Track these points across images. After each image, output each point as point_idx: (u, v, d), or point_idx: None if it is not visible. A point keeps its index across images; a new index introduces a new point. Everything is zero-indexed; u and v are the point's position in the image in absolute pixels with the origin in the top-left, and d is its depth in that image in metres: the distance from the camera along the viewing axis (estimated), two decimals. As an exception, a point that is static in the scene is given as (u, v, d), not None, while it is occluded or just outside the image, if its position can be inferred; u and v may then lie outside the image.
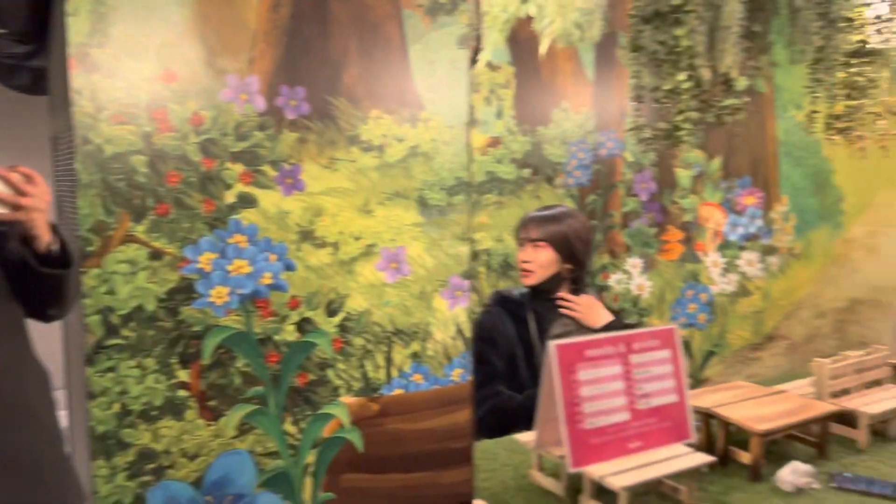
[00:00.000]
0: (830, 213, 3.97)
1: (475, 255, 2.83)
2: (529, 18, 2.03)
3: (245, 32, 1.35)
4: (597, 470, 1.28)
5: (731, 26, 1.28)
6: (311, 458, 1.33)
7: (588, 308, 1.96)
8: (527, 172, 2.94)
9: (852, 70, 1.60)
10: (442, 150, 1.43)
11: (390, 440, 1.39)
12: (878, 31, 1.57)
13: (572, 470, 1.28)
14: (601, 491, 1.31)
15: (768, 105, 3.66)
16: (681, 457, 1.35)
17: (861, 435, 1.64)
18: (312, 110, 1.33)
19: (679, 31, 1.27)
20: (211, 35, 1.32)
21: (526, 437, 1.44)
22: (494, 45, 2.47)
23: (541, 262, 2.00)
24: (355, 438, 1.35)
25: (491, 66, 2.79)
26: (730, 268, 3.65)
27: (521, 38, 2.81)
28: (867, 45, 1.58)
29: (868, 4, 1.57)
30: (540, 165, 2.98)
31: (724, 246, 3.62)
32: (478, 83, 2.77)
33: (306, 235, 1.33)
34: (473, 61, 1.32)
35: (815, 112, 1.64)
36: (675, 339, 1.44)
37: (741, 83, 3.53)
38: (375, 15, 1.43)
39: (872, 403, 1.68)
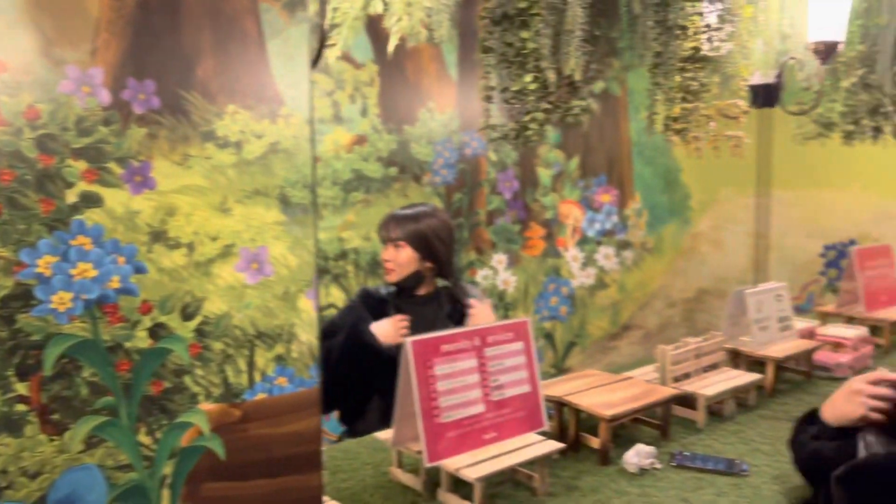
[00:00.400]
0: (679, 210, 4.26)
1: (343, 254, 2.82)
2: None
3: (86, 21, 1.28)
4: (453, 463, 1.31)
5: (574, 30, 1.35)
6: (168, 468, 1.28)
7: (479, 316, 2.02)
8: (394, 171, 2.96)
9: (687, 75, 1.72)
10: (304, 148, 1.41)
11: (254, 446, 1.35)
12: (709, 40, 1.70)
13: (429, 464, 1.31)
14: (458, 483, 1.34)
15: (622, 107, 3.87)
16: (533, 445, 1.41)
17: (699, 416, 1.78)
18: (163, 104, 1.27)
19: (525, 34, 1.33)
20: (47, 22, 1.23)
21: (385, 434, 1.46)
22: (352, 41, 2.46)
23: (400, 260, 2.03)
24: (216, 446, 1.31)
25: (355, 64, 2.79)
26: (588, 262, 3.83)
27: (383, 36, 2.82)
28: (700, 52, 1.71)
29: (700, 14, 1.70)
30: (407, 164, 3.01)
31: (583, 241, 3.80)
32: (342, 80, 2.75)
33: (158, 236, 1.27)
34: (317, 58, 1.32)
35: (654, 114, 1.75)
36: (527, 331, 1.50)
37: (598, 86, 3.73)
38: (231, 8, 1.39)
39: (709, 386, 1.82)
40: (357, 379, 1.95)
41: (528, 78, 1.38)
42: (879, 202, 3.93)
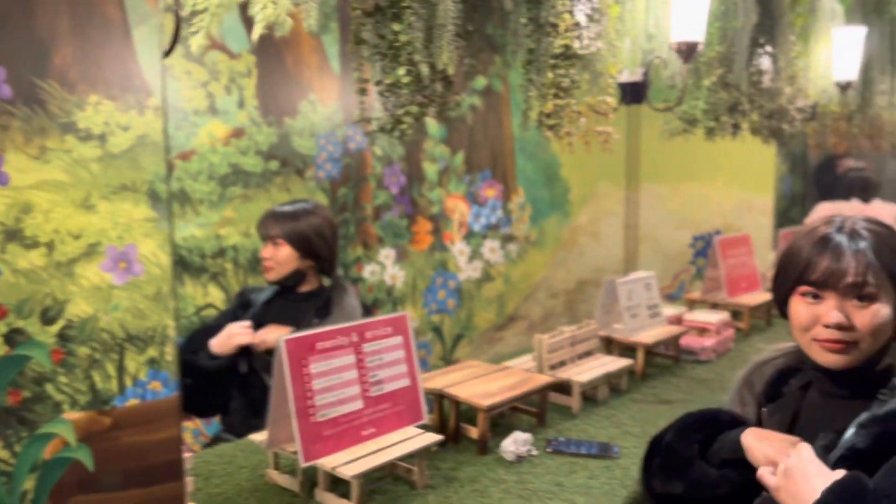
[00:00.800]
0: (560, 203, 4.39)
1: (221, 252, 2.72)
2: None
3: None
4: (329, 461, 1.29)
5: (447, 24, 1.35)
6: (29, 483, 1.19)
7: (266, 336, 1.92)
8: (275, 165, 2.88)
9: (559, 72, 1.77)
10: (157, 140, 1.34)
11: (127, 454, 1.28)
12: (579, 38, 1.75)
13: (305, 464, 1.29)
14: (337, 482, 1.33)
15: (504, 104, 3.94)
16: (412, 438, 1.41)
17: (574, 402, 1.84)
18: (15, 94, 1.17)
19: (397, 26, 1.32)
20: None
21: (260, 436, 1.42)
22: (217, 29, 2.38)
23: (279, 259, 1.98)
24: (84, 457, 1.22)
25: (229, 54, 2.69)
26: (475, 255, 3.89)
27: (259, 27, 2.74)
28: (571, 50, 1.76)
29: (570, 12, 1.74)
30: (288, 158, 2.94)
31: (469, 235, 3.85)
32: (217, 70, 2.66)
33: (13, 235, 1.18)
34: (171, 46, 1.26)
35: (528, 110, 1.78)
36: (406, 325, 1.50)
37: (480, 82, 3.78)
38: (89, -9, 1.31)
39: (583, 373, 1.88)
40: (199, 389, 1.91)
41: (402, 71, 1.38)
42: (742, 194, 4.20)
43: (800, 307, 1.14)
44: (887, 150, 3.94)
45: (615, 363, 1.97)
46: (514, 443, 1.55)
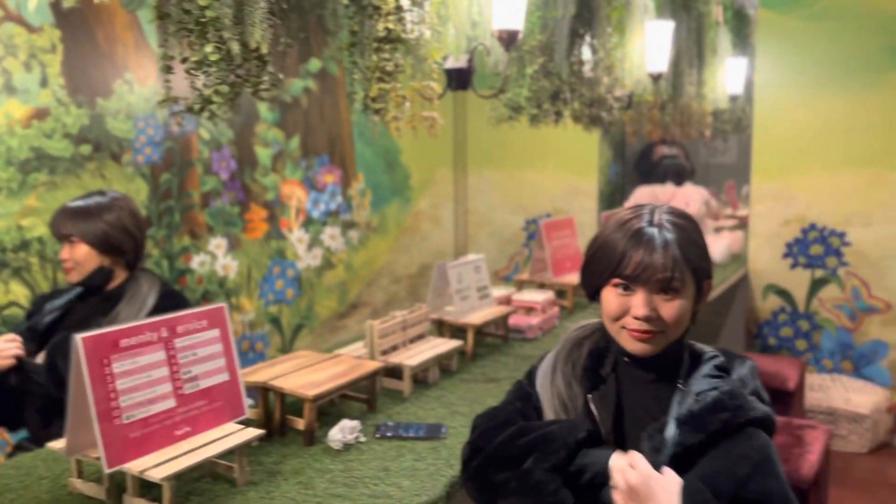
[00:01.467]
0: (400, 189, 4.41)
1: (24, 244, 2.48)
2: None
3: None
4: (137, 465, 1.21)
5: (258, 1, 1.30)
6: None
7: None
8: (87, 149, 2.66)
9: (383, 55, 1.75)
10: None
11: None
12: (401, 21, 1.75)
13: (109, 470, 1.20)
14: (149, 486, 1.25)
15: (340, 86, 3.89)
16: (231, 435, 1.35)
17: (405, 386, 1.85)
18: None
19: (203, 1, 1.24)
20: None
21: (59, 444, 1.31)
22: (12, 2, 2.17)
23: (77, 258, 1.82)
24: None
25: (28, 27, 2.45)
26: (314, 243, 3.82)
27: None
28: (393, 33, 1.75)
29: (392, -5, 1.73)
30: (102, 141, 2.73)
31: (308, 222, 3.77)
32: (14, 45, 2.40)
33: None
34: None
35: (353, 93, 1.76)
36: (224, 317, 1.43)
37: (314, 65, 3.69)
38: None
39: (414, 356, 1.90)
40: None
41: (209, 48, 1.30)
42: (570, 179, 4.41)
43: (611, 297, 1.19)
44: (696, 137, 4.28)
45: (445, 345, 2.00)
46: (341, 431, 1.53)
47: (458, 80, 2.18)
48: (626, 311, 1.18)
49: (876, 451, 3.56)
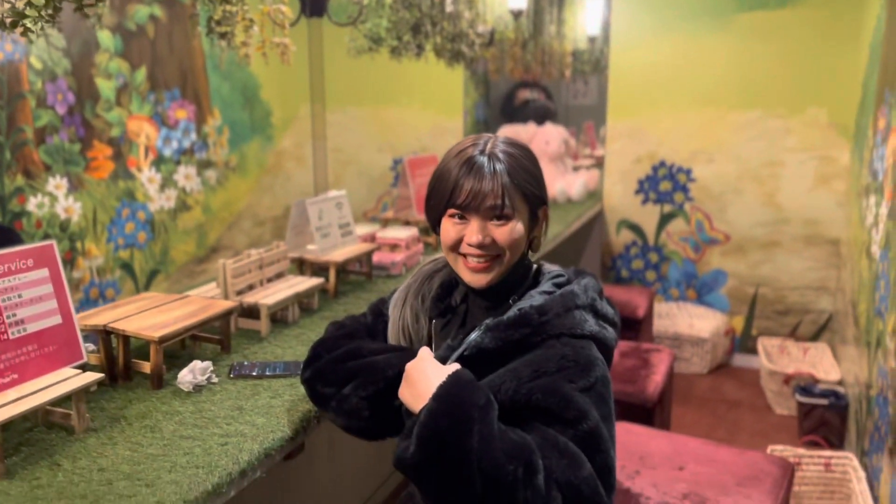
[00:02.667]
0: (261, 127, 4.22)
1: None
2: None
3: None
4: (-47, 416, 1.11)
5: None
6: None
7: None
8: None
9: (227, -25, 1.64)
10: None
11: None
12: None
13: (-82, 423, 1.08)
14: (-29, 438, 1.14)
15: (193, 17, 3.63)
16: (66, 381, 1.26)
17: (262, 325, 1.79)
18: None
19: None
20: None
21: None
22: None
23: None
24: None
25: None
26: (167, 183, 3.60)
27: None
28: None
29: None
30: None
31: (160, 161, 3.54)
32: None
33: None
34: None
35: (195, 15, 1.63)
36: (54, 255, 1.32)
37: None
38: None
39: (271, 295, 1.84)
40: None
41: (19, -47, 1.15)
42: (436, 118, 4.40)
43: (447, 227, 1.21)
44: (557, 77, 4.37)
45: (305, 283, 1.96)
46: (192, 372, 1.47)
47: (313, 5, 2.08)
48: (461, 240, 1.19)
49: (714, 371, 3.89)
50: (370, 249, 2.27)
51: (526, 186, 1.19)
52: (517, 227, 1.18)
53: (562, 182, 3.90)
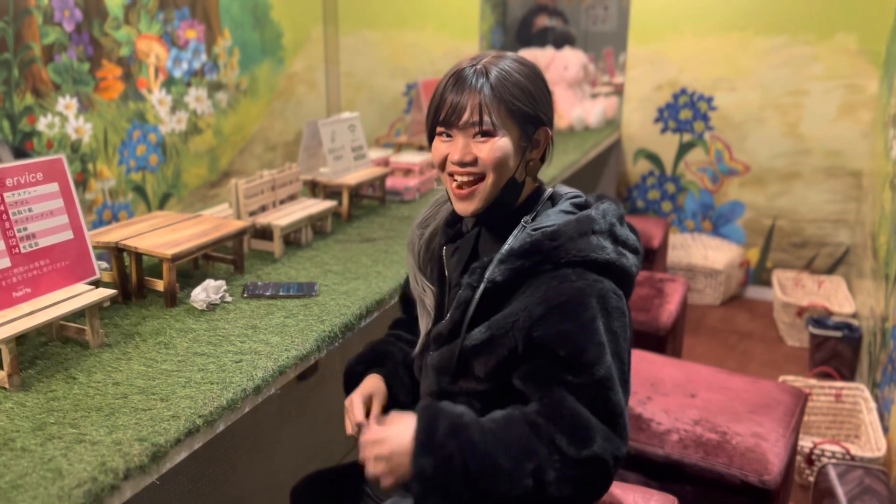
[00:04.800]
0: (272, 49, 4.13)
1: None
2: None
3: None
4: (-33, 327, 1.11)
5: None
6: None
7: None
8: None
9: None
10: None
11: None
12: None
13: (-67, 334, 1.09)
14: (-13, 350, 1.15)
15: (199, -69, 3.50)
16: (80, 295, 1.25)
17: (276, 246, 1.78)
18: None
19: None
20: None
21: None
22: None
23: None
24: None
25: None
26: (178, 105, 3.55)
27: None
28: None
29: None
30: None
31: (170, 82, 3.48)
32: None
33: None
34: None
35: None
36: (63, 170, 1.29)
37: None
38: None
39: (284, 216, 1.82)
40: None
41: None
42: (450, 42, 4.28)
43: (436, 145, 1.17)
44: (576, 2, 4.22)
45: (318, 205, 1.93)
46: (205, 290, 1.46)
47: (325, -85, 1.98)
48: (446, 159, 1.15)
49: (727, 303, 3.88)
50: (384, 173, 2.23)
51: (513, 102, 1.11)
52: (500, 145, 1.11)
53: (579, 109, 3.81)
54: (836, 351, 2.98)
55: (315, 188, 2.11)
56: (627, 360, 1.10)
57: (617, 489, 1.42)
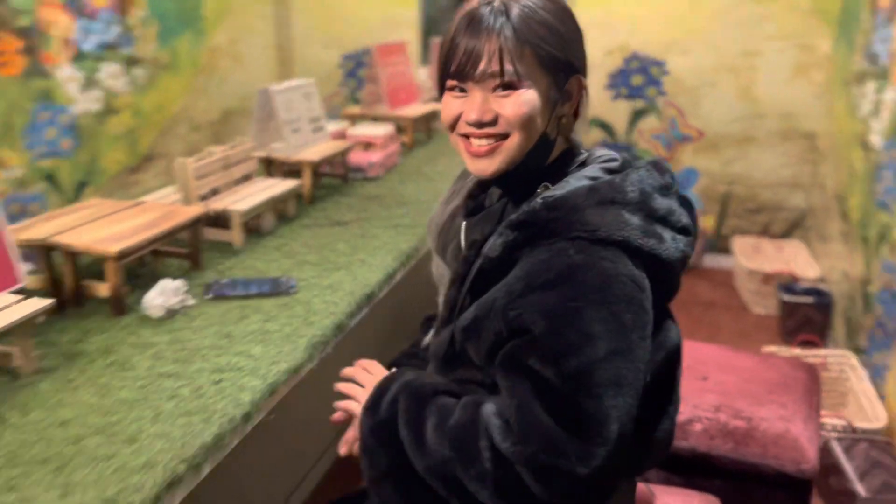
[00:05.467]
0: (191, 19, 3.75)
1: None
2: None
3: None
4: None
5: None
6: None
7: None
8: None
9: None
10: None
11: None
12: None
13: None
14: None
15: None
16: (4, 310, 0.97)
17: (235, 235, 1.52)
18: None
19: None
20: None
21: None
22: None
23: None
24: None
25: None
26: (90, 83, 3.16)
27: None
28: None
29: None
30: None
31: (80, 57, 3.08)
32: None
33: None
34: None
35: None
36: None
37: None
38: None
39: (243, 200, 1.55)
40: None
41: None
42: (388, 9, 4.00)
43: (446, 102, 0.96)
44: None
45: (280, 186, 1.67)
46: (162, 294, 1.19)
47: None
48: (460, 117, 0.94)
49: (687, 273, 3.80)
50: (346, 147, 1.98)
51: (541, 46, 0.90)
52: (527, 98, 0.90)
53: (530, 77, 3.62)
54: (808, 317, 2.92)
55: (270, 166, 1.84)
56: (641, 362, 0.87)
57: (651, 490, 1.25)
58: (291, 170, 1.87)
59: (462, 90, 0.94)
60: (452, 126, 0.96)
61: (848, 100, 2.93)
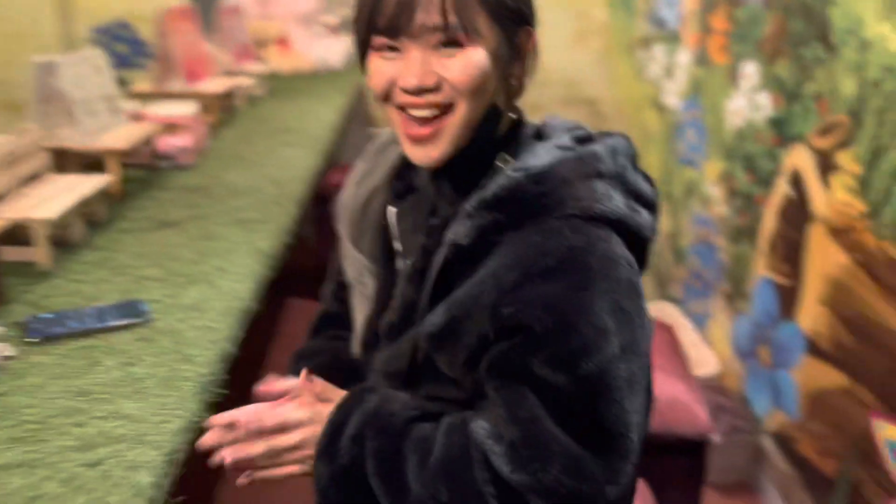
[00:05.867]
0: None
1: None
2: None
3: None
4: None
5: None
6: None
7: None
8: None
9: None
10: None
11: None
12: None
13: None
14: None
15: None
16: None
17: (41, 253, 1.15)
18: None
19: None
20: None
21: None
22: None
23: None
24: None
25: None
26: None
27: None
28: None
29: None
30: None
31: None
32: None
33: None
34: None
35: None
36: None
37: None
38: None
39: (42, 205, 1.18)
40: None
41: None
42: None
43: (374, 66, 0.77)
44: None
45: (86, 183, 1.31)
46: (-31, 348, 0.84)
47: None
48: (392, 84, 0.76)
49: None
50: (156, 130, 1.63)
51: None
52: (477, 59, 0.74)
53: (319, 48, 3.37)
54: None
55: (62, 158, 1.45)
56: (646, 355, 0.77)
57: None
58: (90, 162, 1.49)
59: (394, 48, 0.75)
60: (385, 95, 0.77)
61: (632, 64, 3.09)
